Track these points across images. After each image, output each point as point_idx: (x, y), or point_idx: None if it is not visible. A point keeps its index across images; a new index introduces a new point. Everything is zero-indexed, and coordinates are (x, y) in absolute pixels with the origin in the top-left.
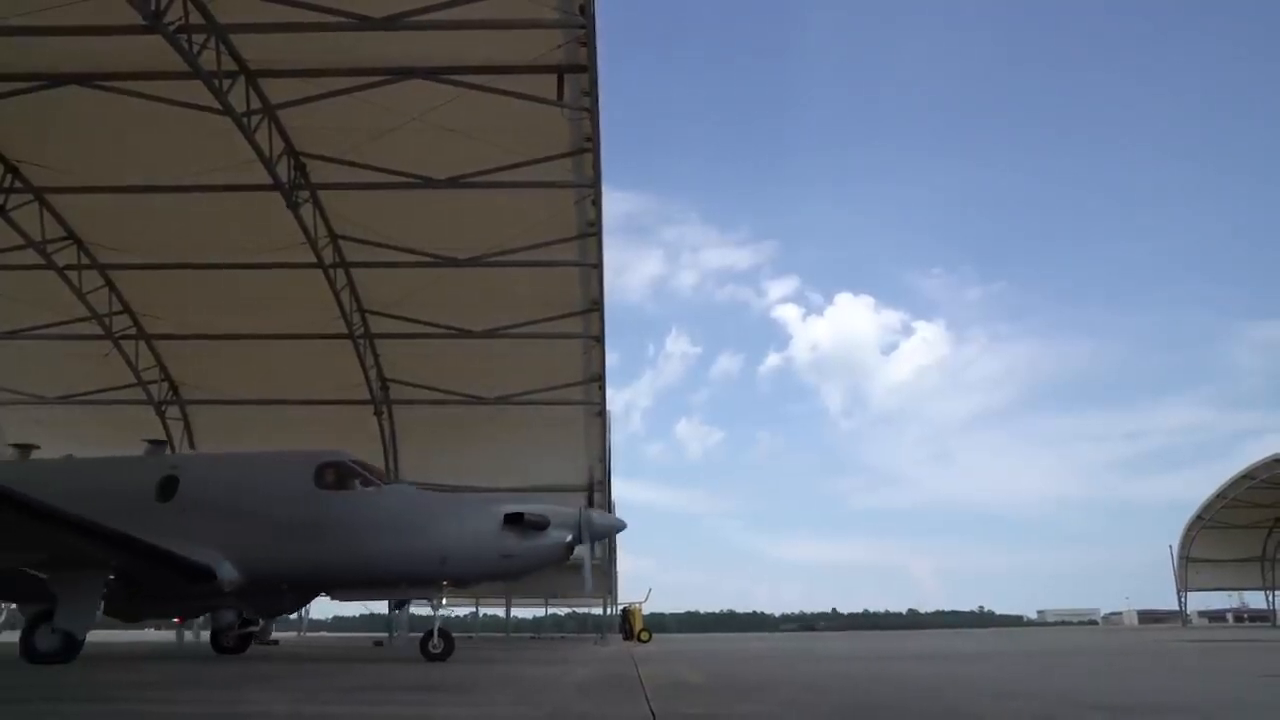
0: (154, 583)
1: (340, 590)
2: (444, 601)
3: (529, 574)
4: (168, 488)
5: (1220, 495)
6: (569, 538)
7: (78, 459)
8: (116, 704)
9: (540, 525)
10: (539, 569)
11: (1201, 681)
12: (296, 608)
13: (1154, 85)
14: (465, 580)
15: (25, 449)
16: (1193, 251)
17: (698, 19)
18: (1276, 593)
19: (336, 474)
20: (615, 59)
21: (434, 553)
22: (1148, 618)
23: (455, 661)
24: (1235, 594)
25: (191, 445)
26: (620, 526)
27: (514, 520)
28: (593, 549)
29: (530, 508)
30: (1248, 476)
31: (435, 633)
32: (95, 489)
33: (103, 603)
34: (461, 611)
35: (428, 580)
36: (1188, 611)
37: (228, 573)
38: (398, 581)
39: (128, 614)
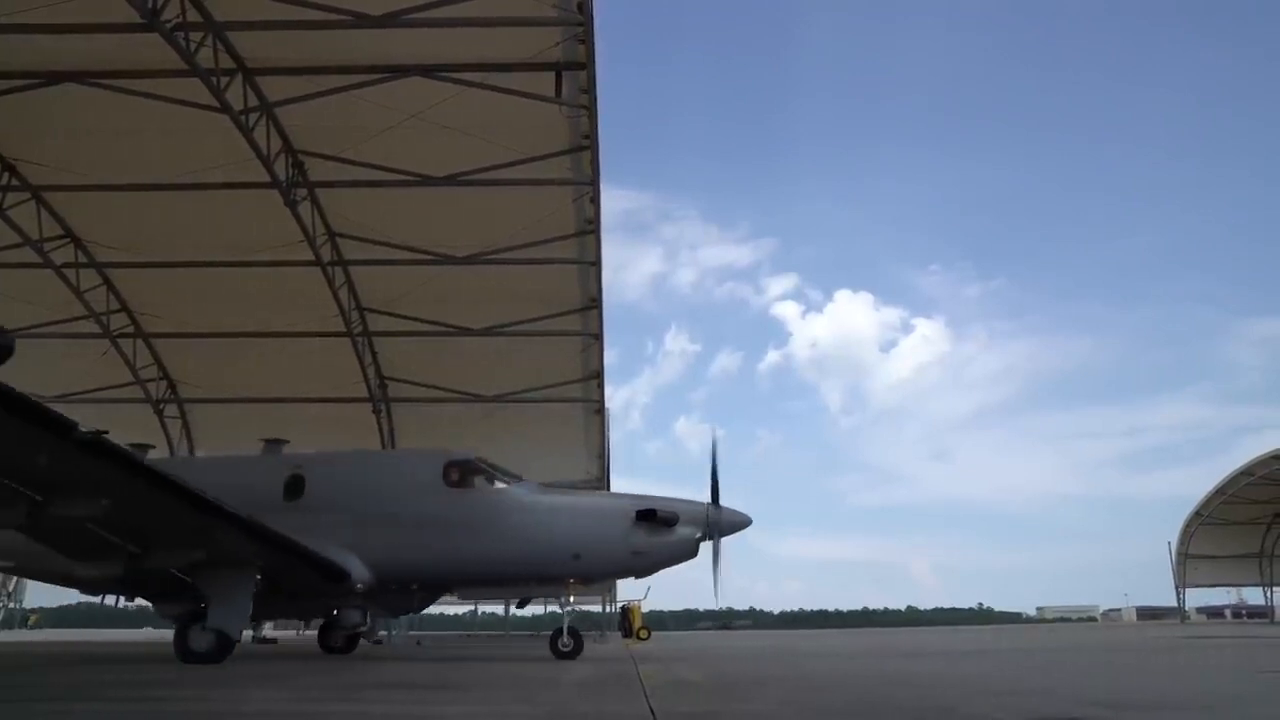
0: (296, 583)
1: (469, 588)
2: (571, 599)
3: (657, 570)
4: (294, 487)
5: (1219, 491)
6: (698, 534)
7: (196, 458)
8: (119, 703)
9: (670, 522)
10: (668, 566)
11: (1200, 678)
12: (423, 607)
13: (1152, 83)
14: (596, 577)
15: (141, 448)
16: (1191, 248)
17: (697, 16)
18: (1274, 589)
19: (464, 472)
20: (614, 56)
21: (567, 549)
22: (1146, 614)
23: (455, 660)
24: (1233, 590)
25: (190, 448)
26: (747, 522)
27: (645, 516)
28: (719, 546)
29: (662, 503)
30: (1246, 473)
31: (565, 630)
32: (223, 488)
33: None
34: (461, 610)
35: (560, 577)
36: (1186, 608)
37: (360, 572)
38: (529, 579)
39: (257, 614)
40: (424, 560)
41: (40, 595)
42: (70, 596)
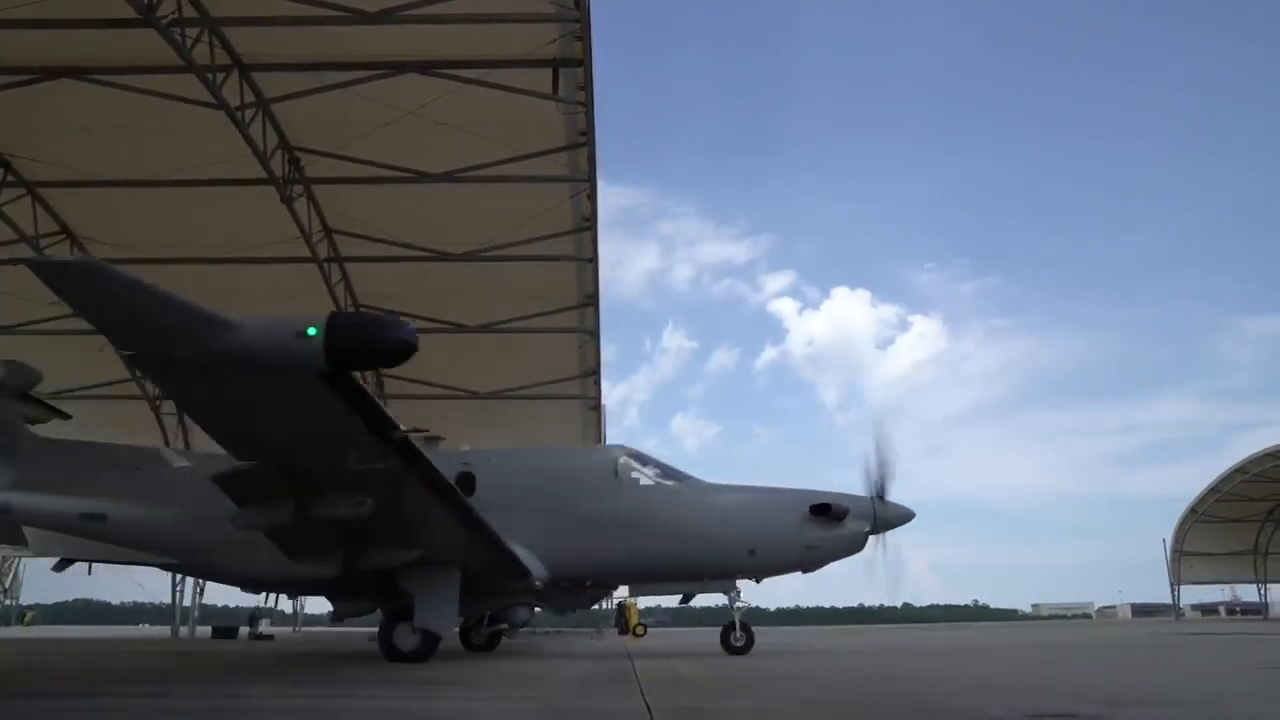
0: (488, 581)
1: (641, 584)
2: (741, 595)
3: (825, 565)
4: (465, 485)
5: (1213, 489)
6: (866, 528)
7: None
8: (117, 699)
9: (841, 516)
10: (836, 560)
11: (1196, 674)
12: (592, 603)
13: (1151, 80)
14: (769, 572)
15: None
16: (1188, 246)
17: (694, 13)
18: (1269, 586)
19: (637, 468)
20: (611, 53)
21: (744, 545)
22: (1141, 612)
23: (452, 656)
24: (1228, 587)
25: (186, 443)
26: (912, 516)
27: (819, 511)
28: (884, 540)
29: (834, 498)
30: (1241, 470)
31: (737, 625)
32: None
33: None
34: None
35: (733, 573)
36: (1181, 605)
37: (539, 570)
38: (702, 575)
39: None
40: (601, 557)
41: (36, 593)
42: (67, 594)
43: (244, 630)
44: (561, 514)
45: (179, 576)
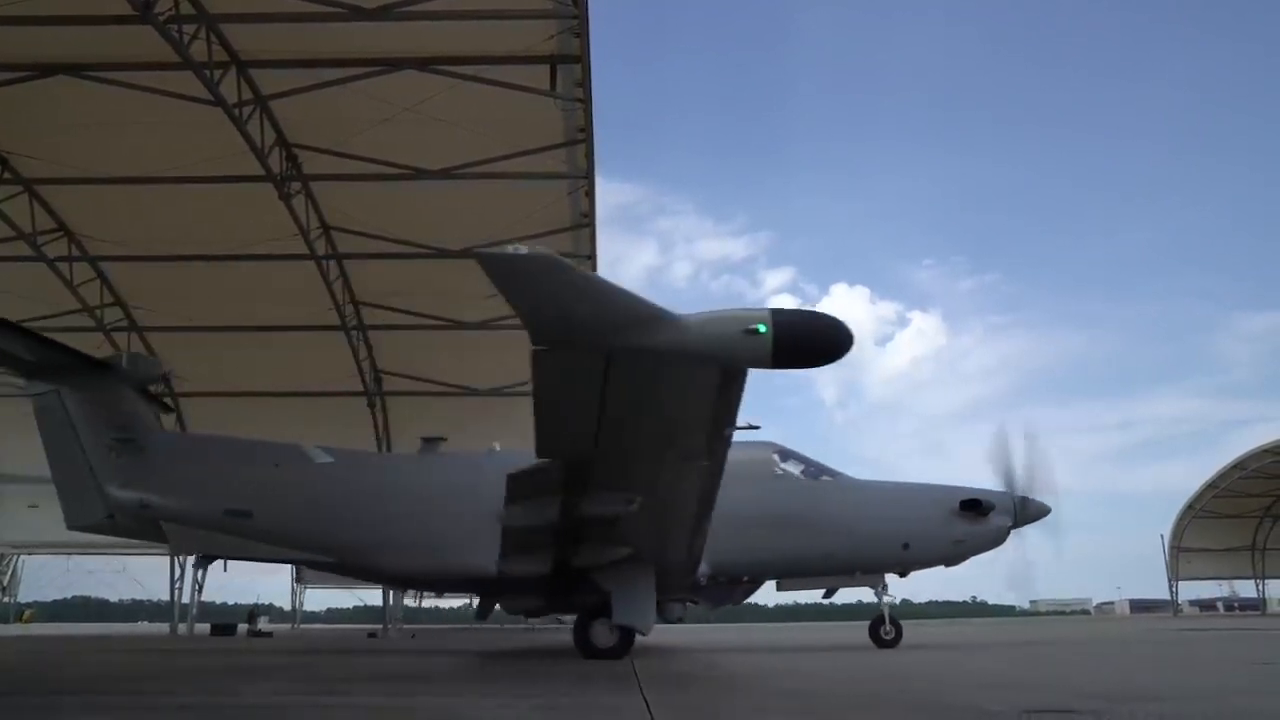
0: (662, 576)
1: (793, 579)
2: (889, 589)
3: (967, 559)
4: None
5: (1211, 485)
6: (1009, 523)
7: (503, 451)
8: (109, 696)
9: (987, 511)
10: (978, 554)
11: (1194, 669)
12: (744, 598)
13: (1151, 78)
14: (918, 566)
15: (434, 442)
16: (1188, 244)
17: (693, 9)
18: (1266, 582)
19: (792, 464)
20: (610, 50)
21: (898, 539)
22: (1139, 607)
23: (451, 653)
24: (1225, 583)
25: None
26: (1049, 511)
27: (968, 506)
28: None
29: (980, 493)
30: (1238, 466)
31: (887, 619)
32: None
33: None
34: (457, 603)
35: (886, 567)
36: (1179, 601)
37: (702, 567)
38: (856, 568)
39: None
40: (760, 553)
41: (35, 590)
42: (65, 591)
43: (243, 627)
44: (722, 511)
45: (178, 574)
